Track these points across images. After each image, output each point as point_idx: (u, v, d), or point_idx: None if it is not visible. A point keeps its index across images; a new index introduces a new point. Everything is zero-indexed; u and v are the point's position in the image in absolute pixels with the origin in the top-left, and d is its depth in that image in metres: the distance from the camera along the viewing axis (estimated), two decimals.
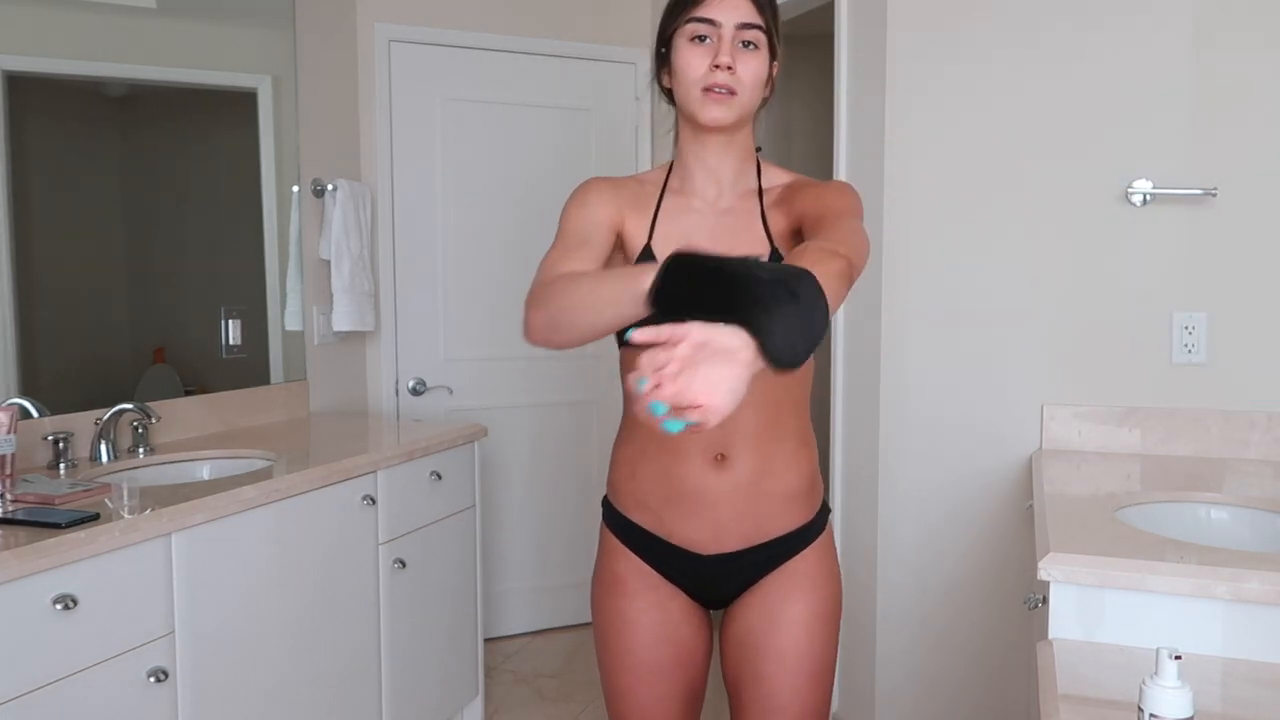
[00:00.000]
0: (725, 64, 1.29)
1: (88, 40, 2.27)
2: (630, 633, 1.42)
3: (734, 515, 1.37)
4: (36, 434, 2.09)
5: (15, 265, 2.11)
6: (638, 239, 1.38)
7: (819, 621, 1.40)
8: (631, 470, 1.42)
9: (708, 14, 1.30)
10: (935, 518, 2.42)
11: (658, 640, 1.42)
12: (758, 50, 1.32)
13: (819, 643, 1.40)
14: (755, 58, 1.32)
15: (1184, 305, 2.18)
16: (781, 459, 1.38)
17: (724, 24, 1.30)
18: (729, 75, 1.29)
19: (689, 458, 1.36)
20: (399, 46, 3.20)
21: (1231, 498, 1.80)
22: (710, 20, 1.30)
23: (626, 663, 1.43)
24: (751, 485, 1.36)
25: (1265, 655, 1.27)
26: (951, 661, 2.43)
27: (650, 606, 1.42)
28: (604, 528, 1.49)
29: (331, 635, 2.16)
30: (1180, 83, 2.15)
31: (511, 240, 3.40)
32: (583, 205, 1.38)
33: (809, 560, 1.41)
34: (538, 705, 2.97)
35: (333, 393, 3.04)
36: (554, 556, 3.56)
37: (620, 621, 1.43)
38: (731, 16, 1.30)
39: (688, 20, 1.31)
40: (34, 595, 1.50)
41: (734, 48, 1.30)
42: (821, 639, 1.40)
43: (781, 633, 1.38)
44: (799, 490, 1.40)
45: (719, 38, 1.30)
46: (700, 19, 1.30)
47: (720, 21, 1.30)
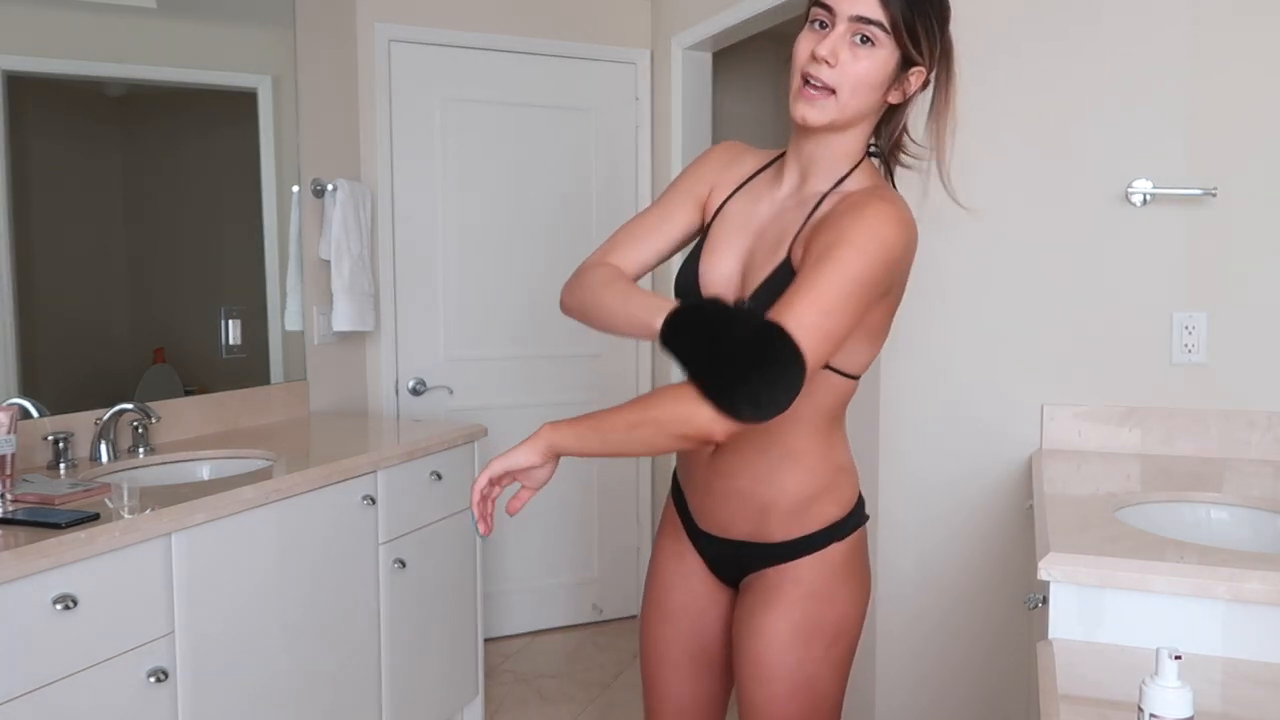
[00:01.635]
0: (822, 56, 1.21)
1: (88, 40, 2.27)
2: (655, 573, 1.54)
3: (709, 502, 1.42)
4: (36, 434, 2.09)
5: (15, 265, 2.11)
6: (708, 215, 1.42)
7: (797, 635, 1.35)
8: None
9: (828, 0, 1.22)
10: (935, 517, 2.42)
11: (670, 585, 1.50)
12: (875, 48, 1.21)
13: (796, 654, 1.35)
14: (869, 56, 1.22)
15: (1184, 305, 2.18)
16: (759, 467, 1.36)
17: (839, 12, 1.21)
18: (828, 70, 1.21)
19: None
20: (399, 46, 3.20)
21: (1231, 498, 1.80)
22: (828, 6, 1.22)
23: (648, 602, 1.54)
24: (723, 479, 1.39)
25: (1265, 655, 1.27)
26: (951, 661, 2.43)
27: (673, 554, 1.51)
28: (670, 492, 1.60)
29: (331, 635, 2.16)
30: (1180, 83, 2.15)
31: (512, 240, 3.41)
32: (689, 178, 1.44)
33: (796, 575, 1.37)
34: (538, 705, 2.97)
35: (333, 393, 3.04)
36: (554, 556, 3.56)
37: (653, 561, 1.55)
38: (850, 7, 1.20)
39: (813, 3, 1.24)
40: (34, 595, 1.50)
41: (847, 41, 1.21)
42: (800, 651, 1.35)
43: (755, 640, 1.38)
44: (776, 505, 1.37)
45: (833, 26, 1.22)
46: (820, 3, 1.23)
47: (836, 9, 1.21)
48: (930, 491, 2.42)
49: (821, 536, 1.38)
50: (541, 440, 1.22)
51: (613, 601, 3.63)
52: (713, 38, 3.21)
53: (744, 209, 1.37)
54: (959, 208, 2.37)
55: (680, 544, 1.50)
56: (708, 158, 1.45)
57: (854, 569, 1.41)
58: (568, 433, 1.22)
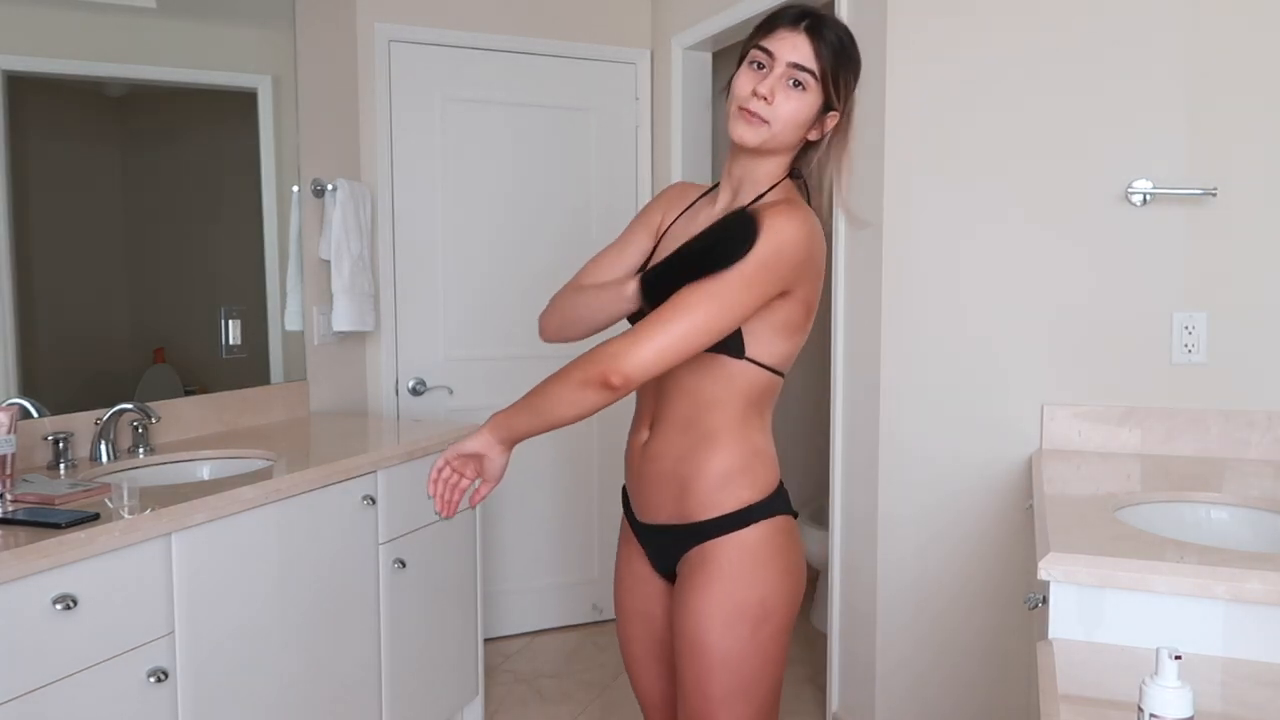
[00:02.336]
0: (762, 93, 1.38)
1: (88, 40, 2.27)
2: (615, 575, 1.67)
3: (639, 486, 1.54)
4: (36, 434, 2.09)
5: (15, 265, 2.11)
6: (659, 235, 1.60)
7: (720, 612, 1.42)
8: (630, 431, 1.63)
9: (768, 45, 1.40)
10: (934, 517, 2.42)
11: (624, 588, 1.64)
12: (805, 92, 1.39)
13: (716, 631, 1.42)
14: (799, 98, 1.39)
15: (1184, 305, 2.18)
16: (679, 447, 1.47)
17: (778, 58, 1.38)
18: (763, 105, 1.38)
19: (635, 423, 1.57)
20: (399, 46, 3.20)
21: (1231, 498, 1.80)
22: (768, 51, 1.40)
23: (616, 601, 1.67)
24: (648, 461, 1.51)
25: (1265, 655, 1.27)
26: (951, 661, 2.43)
27: (626, 557, 1.64)
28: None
29: (331, 635, 2.16)
30: (1180, 83, 2.15)
31: (512, 240, 3.41)
32: (643, 212, 1.64)
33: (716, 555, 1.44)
34: (538, 705, 2.97)
35: (333, 393, 3.04)
36: (554, 556, 3.56)
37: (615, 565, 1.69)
38: (788, 54, 1.38)
39: (753, 46, 1.42)
40: (34, 595, 1.50)
41: (783, 83, 1.38)
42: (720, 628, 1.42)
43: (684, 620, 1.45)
44: (694, 483, 1.45)
45: (771, 69, 1.39)
46: (761, 47, 1.40)
47: (776, 55, 1.39)
48: (930, 491, 2.42)
49: (737, 517, 1.44)
50: (488, 427, 1.44)
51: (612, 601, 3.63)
52: (713, 38, 3.21)
53: (684, 225, 1.55)
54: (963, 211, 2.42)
55: (630, 547, 1.62)
56: (660, 195, 1.65)
57: (775, 555, 1.45)
58: (508, 415, 1.44)
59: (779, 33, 1.39)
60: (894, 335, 2.45)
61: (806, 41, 1.37)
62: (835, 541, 2.69)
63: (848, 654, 2.65)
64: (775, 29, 1.39)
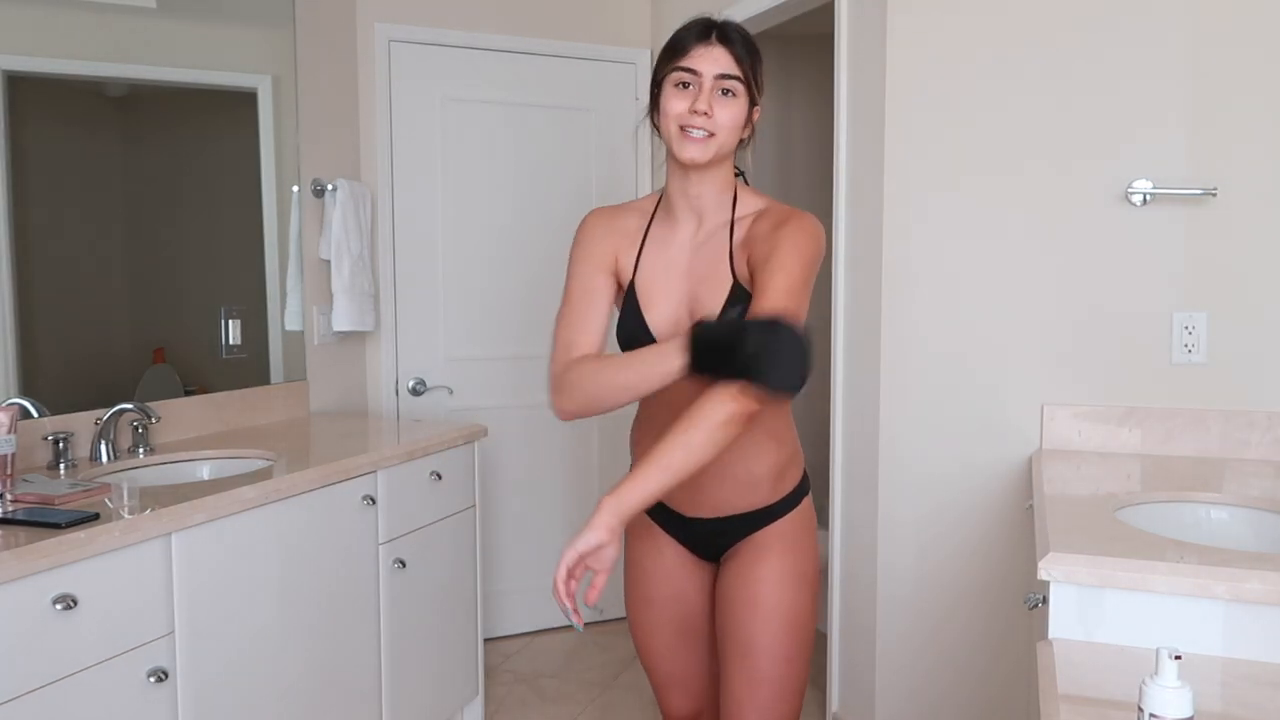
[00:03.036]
0: (701, 109, 1.44)
1: (88, 40, 2.27)
2: (635, 569, 1.72)
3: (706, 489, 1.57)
4: (36, 434, 2.09)
5: (15, 265, 2.11)
6: (625, 272, 1.58)
7: (788, 578, 1.59)
8: (639, 438, 1.65)
9: (690, 64, 1.45)
10: (935, 517, 2.42)
11: (653, 576, 1.69)
12: (735, 98, 1.47)
13: (789, 595, 1.58)
14: (733, 105, 1.46)
15: (1184, 305, 2.18)
16: (748, 447, 1.54)
17: (704, 74, 1.45)
18: (706, 119, 1.44)
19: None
20: (399, 46, 3.20)
21: (1231, 498, 1.80)
22: (692, 70, 1.45)
23: (632, 594, 1.72)
24: (719, 467, 1.50)
25: (1265, 655, 1.27)
26: (951, 661, 2.43)
27: (651, 550, 1.69)
28: None
29: (331, 635, 2.16)
30: (1180, 83, 2.15)
31: (512, 240, 3.41)
32: (584, 252, 1.58)
33: (776, 532, 1.60)
34: (538, 705, 2.97)
35: (333, 393, 3.04)
36: (554, 556, 3.55)
37: (631, 560, 1.72)
38: (711, 68, 1.45)
39: (673, 69, 1.47)
40: (34, 595, 1.50)
41: (713, 95, 1.45)
42: (791, 593, 1.58)
43: (754, 586, 1.58)
44: (763, 476, 1.59)
45: (700, 85, 1.45)
46: (683, 68, 1.46)
47: (701, 71, 1.45)
48: (930, 491, 2.42)
49: (794, 497, 1.63)
50: (604, 514, 1.32)
51: (613, 601, 3.63)
52: None
53: (658, 260, 1.57)
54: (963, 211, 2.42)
55: (654, 539, 1.69)
56: (589, 232, 1.60)
57: (812, 524, 1.67)
58: (625, 494, 1.32)
59: (696, 50, 1.45)
60: (894, 335, 2.45)
61: (724, 52, 1.45)
62: (835, 541, 2.69)
63: (848, 654, 2.65)
64: (689, 48, 1.45)
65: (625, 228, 1.60)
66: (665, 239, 1.57)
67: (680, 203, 1.56)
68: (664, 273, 1.55)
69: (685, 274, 1.55)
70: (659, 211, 1.60)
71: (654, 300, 1.55)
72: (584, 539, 1.31)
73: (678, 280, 1.55)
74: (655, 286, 1.55)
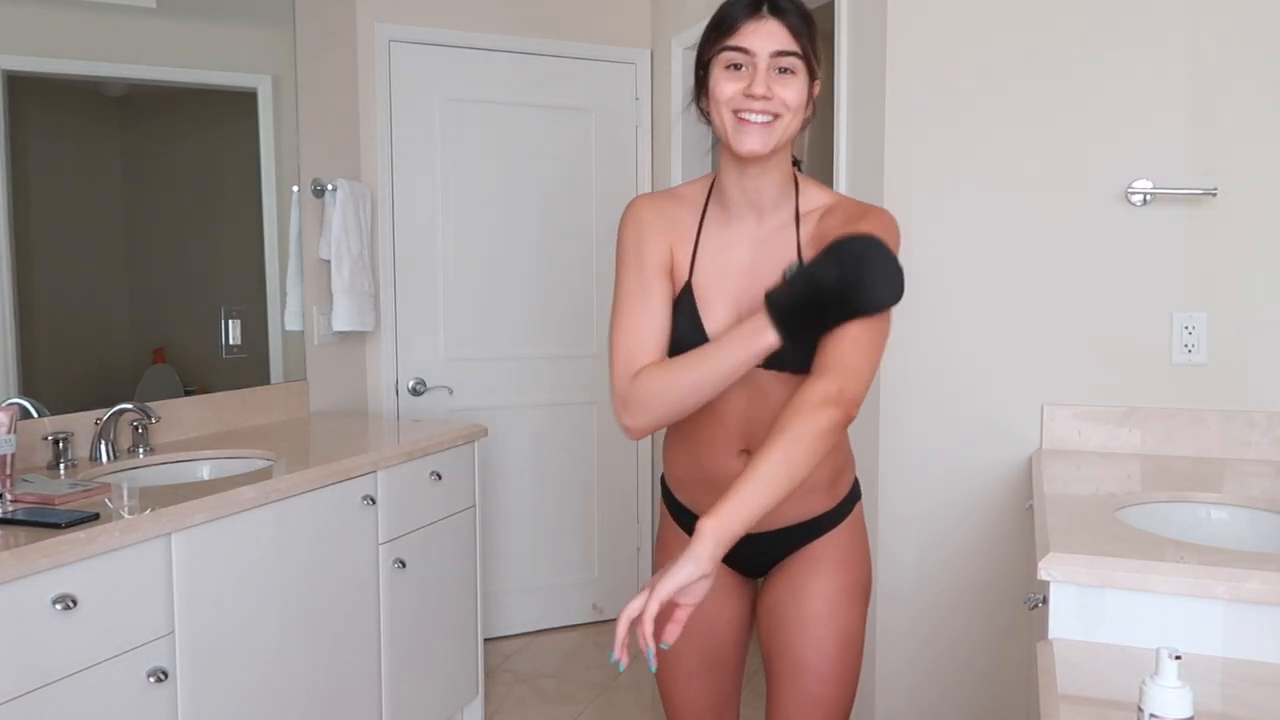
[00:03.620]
0: (760, 93, 1.29)
1: (88, 40, 2.27)
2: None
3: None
4: (36, 434, 2.09)
5: (15, 265, 2.11)
6: (680, 272, 1.42)
7: (843, 594, 1.48)
8: (675, 455, 1.53)
9: (742, 43, 1.29)
10: (934, 517, 2.42)
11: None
12: (795, 76, 1.31)
13: (843, 612, 1.48)
14: (793, 83, 1.31)
15: (1184, 305, 2.18)
16: None
17: (759, 53, 1.29)
18: (765, 102, 1.29)
19: (717, 452, 1.45)
20: (399, 46, 3.20)
21: (1231, 498, 1.80)
22: (744, 49, 1.29)
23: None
24: None
25: (1265, 655, 1.27)
26: (951, 661, 2.43)
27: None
28: (663, 506, 1.63)
29: (331, 635, 2.16)
30: (1180, 83, 2.15)
31: (512, 240, 3.41)
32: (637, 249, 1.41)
33: (832, 543, 1.50)
34: (538, 705, 2.97)
35: (333, 393, 3.04)
36: (554, 556, 3.56)
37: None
38: (766, 45, 1.29)
39: (723, 49, 1.31)
40: (34, 595, 1.50)
41: (770, 75, 1.29)
42: (845, 610, 1.48)
43: (806, 603, 1.47)
44: (817, 484, 1.47)
45: (754, 66, 1.29)
46: (735, 47, 1.30)
47: (755, 50, 1.29)
48: (930, 491, 2.42)
49: (847, 503, 1.53)
50: (706, 541, 1.15)
51: (613, 601, 3.63)
52: None
53: (716, 261, 1.42)
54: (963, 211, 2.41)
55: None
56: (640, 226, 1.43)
57: (864, 532, 1.56)
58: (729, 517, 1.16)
59: (746, 26, 1.30)
60: (894, 335, 2.44)
61: (779, 25, 1.29)
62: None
63: None
64: (738, 25, 1.30)
65: (678, 221, 1.43)
66: (722, 236, 1.42)
67: (737, 197, 1.40)
68: (721, 274, 1.40)
69: (746, 275, 1.40)
70: (711, 205, 1.44)
71: (712, 304, 1.40)
72: (684, 571, 1.13)
73: (737, 282, 1.40)
74: (713, 289, 1.40)
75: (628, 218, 1.44)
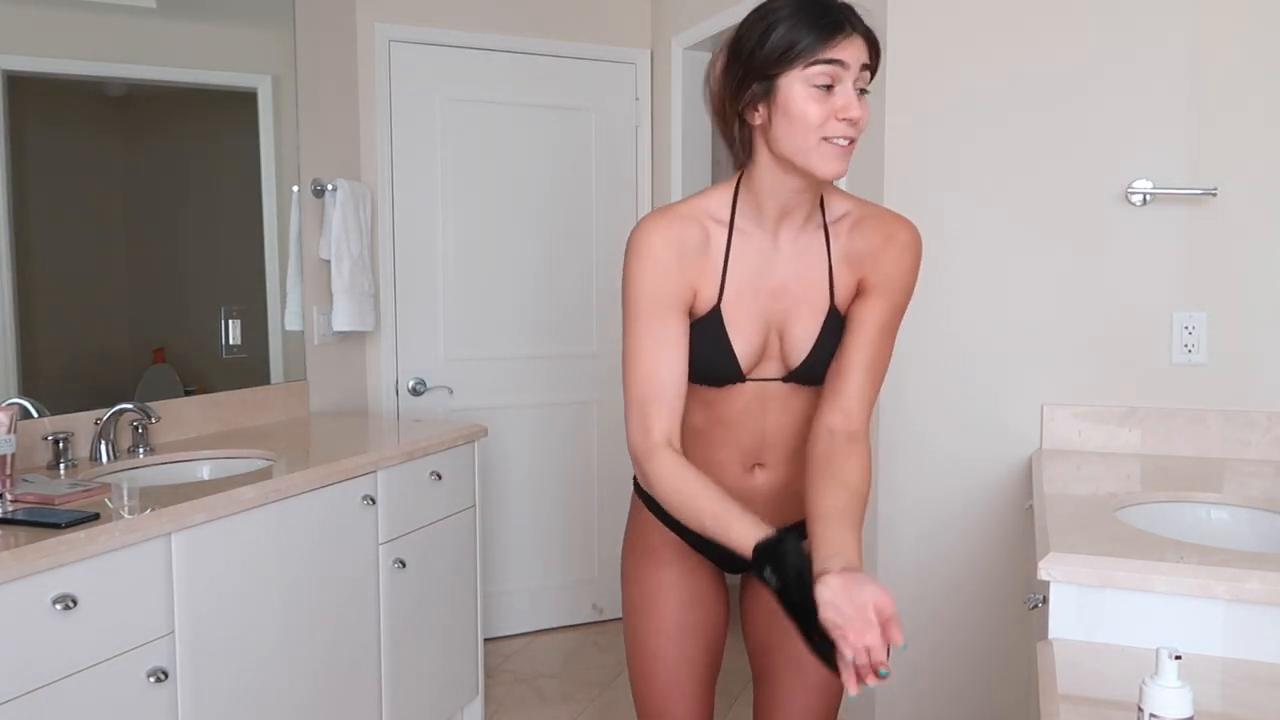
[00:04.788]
0: (854, 117, 1.21)
1: (88, 40, 2.27)
2: (665, 597, 1.50)
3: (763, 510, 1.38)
4: (36, 434, 2.09)
5: (15, 265, 2.11)
6: (708, 298, 1.34)
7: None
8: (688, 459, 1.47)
9: (839, 55, 1.19)
10: (935, 517, 2.42)
11: (687, 603, 1.50)
12: (867, 95, 1.24)
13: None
14: (867, 104, 1.24)
15: (1184, 305, 2.18)
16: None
17: (852, 65, 1.20)
18: (853, 127, 1.22)
19: (727, 465, 1.43)
20: (399, 46, 3.20)
21: (1231, 498, 1.80)
22: (841, 62, 1.20)
23: (660, 624, 1.50)
24: (782, 487, 1.44)
25: (1265, 655, 1.27)
26: (952, 661, 2.43)
27: (683, 573, 1.51)
28: (637, 502, 1.56)
29: (331, 635, 2.16)
30: (1180, 83, 2.15)
31: (512, 240, 3.40)
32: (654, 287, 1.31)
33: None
34: (538, 705, 2.97)
35: (333, 393, 3.04)
36: (554, 556, 3.56)
37: (655, 586, 1.51)
38: (858, 57, 1.21)
39: (814, 62, 1.20)
40: (34, 595, 1.50)
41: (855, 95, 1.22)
42: None
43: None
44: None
45: (843, 82, 1.21)
46: (831, 60, 1.19)
47: (849, 63, 1.20)
48: (930, 491, 2.42)
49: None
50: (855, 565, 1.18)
51: (613, 601, 3.63)
52: (713, 38, 3.21)
53: (746, 282, 1.35)
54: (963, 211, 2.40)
55: (686, 562, 1.51)
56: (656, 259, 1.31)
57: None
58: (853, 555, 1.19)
59: (842, 42, 1.19)
60: None
61: (864, 45, 1.22)
62: None
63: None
64: (834, 37, 1.19)
65: (702, 246, 1.34)
66: (752, 255, 1.35)
67: (771, 207, 1.33)
68: (753, 294, 1.35)
69: (773, 292, 1.35)
70: (739, 219, 1.35)
71: (740, 325, 1.35)
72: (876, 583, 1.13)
73: (765, 299, 1.35)
74: (742, 309, 1.35)
75: (639, 249, 1.32)
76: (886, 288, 1.35)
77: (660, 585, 1.51)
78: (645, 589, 1.52)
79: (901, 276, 1.36)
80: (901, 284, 1.36)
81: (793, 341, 1.37)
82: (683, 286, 1.32)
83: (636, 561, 1.54)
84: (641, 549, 1.54)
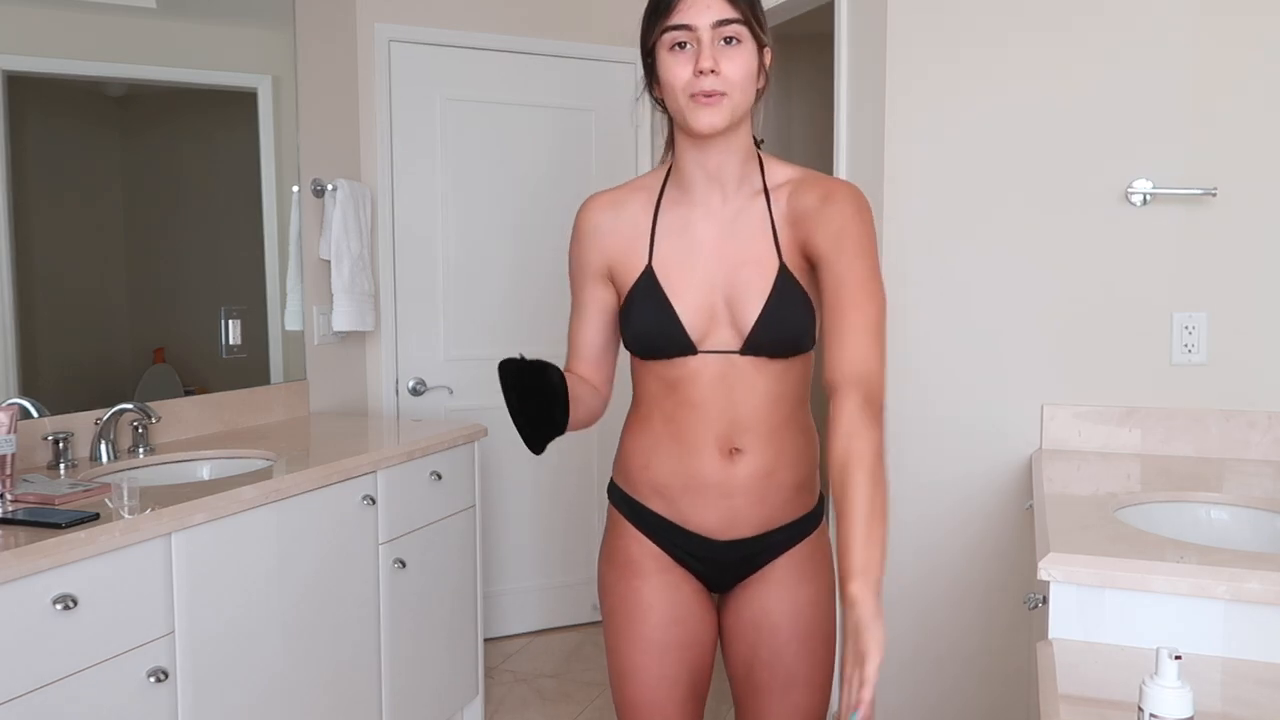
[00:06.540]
0: (708, 68, 1.26)
1: (88, 40, 2.27)
2: (645, 612, 1.44)
3: (747, 503, 1.40)
4: (36, 434, 2.09)
5: (15, 265, 2.11)
6: (637, 259, 1.40)
7: (828, 602, 1.46)
8: (645, 460, 1.44)
9: (681, 19, 1.28)
10: (934, 517, 2.42)
11: (670, 620, 1.44)
12: (741, 44, 1.28)
13: (829, 621, 1.46)
14: (741, 53, 1.28)
15: (1184, 305, 2.18)
16: (791, 451, 1.41)
17: (700, 26, 1.27)
18: (715, 78, 1.27)
19: (704, 452, 1.39)
20: (399, 46, 3.20)
21: (1231, 498, 1.80)
22: (685, 25, 1.28)
23: (640, 642, 1.44)
24: (765, 476, 1.40)
25: (1265, 655, 1.27)
26: (951, 661, 2.43)
27: (664, 586, 1.44)
28: (614, 512, 1.51)
29: (331, 635, 2.16)
30: (1180, 82, 2.15)
31: (512, 240, 3.41)
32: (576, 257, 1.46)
33: (813, 546, 1.47)
34: (538, 705, 2.97)
35: (333, 393, 3.04)
36: (554, 556, 3.56)
37: (635, 601, 1.45)
38: (706, 17, 1.27)
39: (664, 30, 1.30)
40: (34, 595, 1.50)
41: (715, 48, 1.27)
42: (831, 618, 1.46)
43: (802, 614, 1.43)
44: (804, 480, 1.44)
45: (697, 41, 1.28)
46: (675, 26, 1.28)
47: (695, 25, 1.27)
48: (930, 491, 2.42)
49: (821, 504, 1.49)
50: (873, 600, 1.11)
51: None
52: None
53: (678, 244, 1.38)
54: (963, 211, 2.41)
55: (668, 575, 1.45)
56: (581, 233, 1.45)
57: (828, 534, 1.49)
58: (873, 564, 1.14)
59: (683, 3, 1.27)
60: (893, 335, 2.44)
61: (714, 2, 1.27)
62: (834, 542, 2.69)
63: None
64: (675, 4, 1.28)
65: (629, 218, 1.41)
66: (683, 220, 1.39)
67: (697, 175, 1.37)
68: (687, 257, 1.37)
69: (715, 257, 1.37)
70: (669, 189, 1.41)
71: (680, 287, 1.36)
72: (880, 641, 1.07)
73: (705, 264, 1.36)
74: (679, 273, 1.37)
75: (576, 221, 1.46)
76: (836, 244, 1.30)
77: (640, 600, 1.44)
78: (625, 603, 1.46)
79: (846, 227, 1.30)
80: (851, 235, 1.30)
81: (742, 305, 1.35)
82: (600, 257, 1.43)
83: (617, 573, 1.48)
84: (621, 560, 1.47)
